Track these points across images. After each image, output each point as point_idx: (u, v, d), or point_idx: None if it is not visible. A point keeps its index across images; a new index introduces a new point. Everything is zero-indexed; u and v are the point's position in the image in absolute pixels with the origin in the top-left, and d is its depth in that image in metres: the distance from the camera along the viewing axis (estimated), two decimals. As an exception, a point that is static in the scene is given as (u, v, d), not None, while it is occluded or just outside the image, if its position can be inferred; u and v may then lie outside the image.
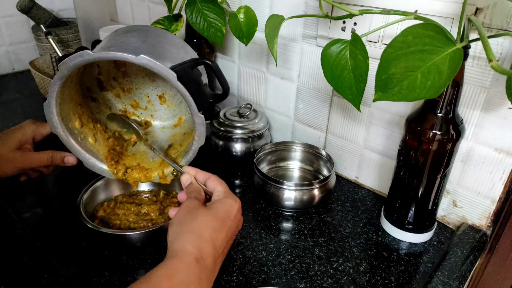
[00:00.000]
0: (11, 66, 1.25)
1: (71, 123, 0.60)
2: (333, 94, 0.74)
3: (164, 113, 0.71)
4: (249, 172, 0.79)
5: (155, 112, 0.71)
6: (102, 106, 0.68)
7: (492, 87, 0.54)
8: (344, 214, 0.68)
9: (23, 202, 0.68)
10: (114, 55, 0.50)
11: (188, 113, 0.70)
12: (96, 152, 0.63)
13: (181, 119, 0.71)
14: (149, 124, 0.71)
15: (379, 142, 0.71)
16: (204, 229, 0.44)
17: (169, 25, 0.74)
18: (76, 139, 0.60)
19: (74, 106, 0.61)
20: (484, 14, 0.51)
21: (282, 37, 0.76)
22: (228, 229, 0.46)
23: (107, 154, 0.63)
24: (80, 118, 0.62)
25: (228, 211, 0.47)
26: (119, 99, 0.70)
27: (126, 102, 0.70)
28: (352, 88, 0.49)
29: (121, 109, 0.70)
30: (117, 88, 0.68)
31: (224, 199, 0.49)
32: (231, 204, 0.48)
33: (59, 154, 0.63)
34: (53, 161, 0.63)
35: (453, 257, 0.59)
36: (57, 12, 1.28)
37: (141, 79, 0.68)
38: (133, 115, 0.71)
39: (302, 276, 0.55)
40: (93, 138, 0.63)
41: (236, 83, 0.92)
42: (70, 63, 0.51)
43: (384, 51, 0.40)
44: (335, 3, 0.53)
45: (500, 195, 0.59)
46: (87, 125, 0.63)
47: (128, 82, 0.69)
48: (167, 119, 0.72)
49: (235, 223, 0.47)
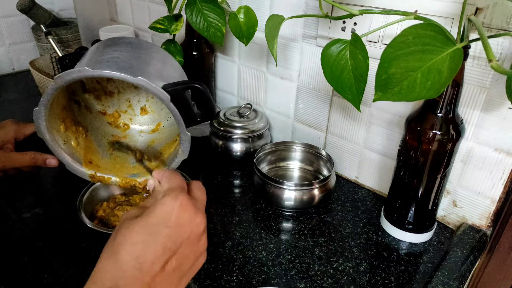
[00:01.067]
0: (11, 66, 1.25)
1: (56, 127, 0.60)
2: (333, 94, 0.74)
3: (143, 118, 0.72)
4: (249, 172, 0.79)
5: (134, 116, 0.72)
6: (84, 109, 0.68)
7: (492, 87, 0.54)
8: (344, 214, 0.68)
9: (22, 202, 0.68)
10: (113, 74, 0.51)
11: (167, 120, 0.71)
12: (78, 155, 0.63)
13: (159, 125, 0.72)
14: (127, 127, 0.72)
15: (379, 142, 0.71)
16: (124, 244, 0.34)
17: (169, 25, 0.74)
18: (60, 143, 0.61)
19: (60, 110, 0.61)
20: (484, 14, 0.51)
21: (282, 37, 0.76)
22: (166, 239, 0.35)
23: (85, 157, 0.64)
24: (64, 122, 0.62)
25: (161, 214, 0.36)
26: (99, 101, 0.70)
27: (106, 105, 0.71)
28: (352, 88, 0.49)
29: (100, 110, 0.71)
30: (99, 90, 0.69)
31: (160, 200, 0.38)
32: (167, 205, 0.37)
33: (41, 155, 0.62)
34: (35, 162, 0.62)
35: (453, 257, 0.59)
36: (57, 12, 1.28)
37: (125, 84, 0.69)
38: (111, 117, 0.71)
39: (302, 276, 0.55)
40: (75, 141, 0.63)
41: (236, 83, 0.92)
42: (66, 77, 0.51)
43: (384, 51, 0.40)
44: (335, 3, 0.53)
45: (500, 195, 0.59)
46: (70, 128, 0.63)
47: (111, 86, 0.69)
48: (146, 124, 0.72)
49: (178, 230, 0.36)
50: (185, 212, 0.37)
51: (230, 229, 0.63)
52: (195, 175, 0.76)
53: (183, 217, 0.37)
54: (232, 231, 0.63)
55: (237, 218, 0.66)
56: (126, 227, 0.36)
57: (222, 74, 0.95)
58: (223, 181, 0.76)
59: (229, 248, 0.60)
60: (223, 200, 0.71)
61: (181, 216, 0.37)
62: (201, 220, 0.39)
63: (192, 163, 0.82)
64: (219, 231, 0.63)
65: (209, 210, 0.68)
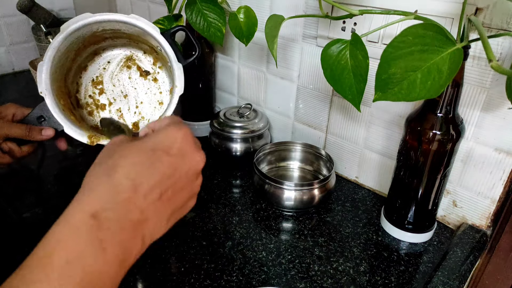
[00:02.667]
0: (11, 66, 1.25)
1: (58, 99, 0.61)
2: (333, 94, 0.74)
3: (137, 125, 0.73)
4: (249, 172, 0.79)
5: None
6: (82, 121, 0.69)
7: (492, 87, 0.54)
8: (344, 214, 0.68)
9: (22, 202, 0.68)
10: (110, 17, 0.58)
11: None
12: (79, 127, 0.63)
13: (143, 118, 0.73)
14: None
15: (379, 142, 0.71)
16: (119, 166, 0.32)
17: (169, 25, 0.74)
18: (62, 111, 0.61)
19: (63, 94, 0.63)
20: (484, 14, 0.51)
21: (282, 37, 0.76)
22: (167, 168, 0.33)
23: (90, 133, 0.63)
24: (63, 98, 0.63)
25: (164, 141, 0.34)
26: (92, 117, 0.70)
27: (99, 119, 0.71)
28: (352, 88, 0.49)
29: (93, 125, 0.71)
30: (91, 105, 0.70)
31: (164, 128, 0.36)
32: (169, 133, 0.35)
33: (36, 127, 0.61)
34: (31, 133, 0.60)
35: (453, 257, 0.59)
36: (57, 12, 1.28)
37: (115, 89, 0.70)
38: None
39: (302, 276, 0.55)
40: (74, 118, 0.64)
41: (236, 83, 0.92)
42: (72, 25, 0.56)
43: (384, 51, 0.40)
44: (335, 3, 0.53)
45: (500, 195, 0.59)
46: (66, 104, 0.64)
47: (103, 98, 0.70)
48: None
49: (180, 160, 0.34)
50: (188, 145, 0.36)
51: (230, 229, 0.64)
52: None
53: (185, 148, 0.35)
54: (232, 231, 0.63)
55: (237, 218, 0.66)
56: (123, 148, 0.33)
57: (222, 74, 0.95)
58: (223, 181, 0.76)
59: (229, 248, 0.60)
60: (223, 200, 0.71)
61: (183, 148, 0.35)
62: (202, 159, 0.37)
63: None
64: (219, 231, 0.63)
65: (209, 210, 0.68)
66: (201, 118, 0.90)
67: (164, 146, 0.34)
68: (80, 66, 0.69)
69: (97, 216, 0.29)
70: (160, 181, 0.33)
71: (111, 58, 0.70)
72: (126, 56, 0.70)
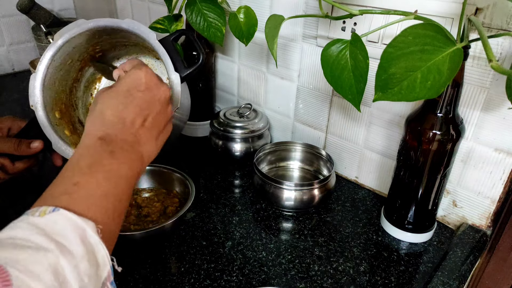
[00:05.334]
0: (11, 66, 1.25)
1: (52, 112, 0.59)
2: (333, 94, 0.74)
3: None
4: (249, 172, 0.79)
5: None
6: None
7: (492, 87, 0.54)
8: (344, 214, 0.68)
9: (23, 202, 0.68)
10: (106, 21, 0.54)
11: None
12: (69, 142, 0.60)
13: None
14: None
15: (379, 142, 0.71)
16: (106, 108, 0.41)
17: (169, 25, 0.74)
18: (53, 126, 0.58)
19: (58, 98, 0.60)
20: (484, 14, 0.51)
21: (282, 37, 0.76)
22: (141, 100, 0.43)
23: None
24: (61, 110, 0.61)
25: (133, 82, 0.43)
26: None
27: None
28: (352, 88, 0.49)
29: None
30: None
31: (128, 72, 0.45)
32: (135, 74, 0.44)
33: (26, 140, 0.59)
34: (19, 147, 0.59)
35: (453, 257, 0.58)
36: (57, 12, 1.28)
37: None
38: None
39: (302, 276, 0.55)
40: (69, 131, 0.61)
41: (236, 83, 0.92)
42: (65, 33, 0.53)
43: (384, 51, 0.40)
44: (335, 3, 0.53)
45: (500, 195, 0.59)
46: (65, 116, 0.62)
47: None
48: None
49: (150, 93, 0.44)
50: (152, 79, 0.45)
51: (230, 229, 0.64)
52: (195, 175, 0.76)
53: (151, 83, 0.44)
54: (232, 231, 0.63)
55: (237, 218, 0.66)
56: (105, 95, 0.43)
57: (222, 74, 0.95)
58: (223, 181, 0.76)
59: (229, 248, 0.60)
60: (223, 200, 0.71)
61: (149, 82, 0.44)
62: (166, 89, 0.46)
63: (192, 163, 0.82)
64: (219, 231, 0.63)
65: (209, 210, 0.68)
66: (201, 118, 0.90)
67: (134, 85, 0.43)
68: (95, 77, 0.67)
69: (104, 137, 0.39)
70: (140, 111, 0.42)
71: None
72: None
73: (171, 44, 0.56)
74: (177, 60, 0.55)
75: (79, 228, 0.31)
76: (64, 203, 0.33)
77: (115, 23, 0.54)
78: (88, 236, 0.31)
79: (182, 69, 0.56)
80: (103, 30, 0.56)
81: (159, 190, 0.69)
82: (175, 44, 0.57)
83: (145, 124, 0.43)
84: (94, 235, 0.32)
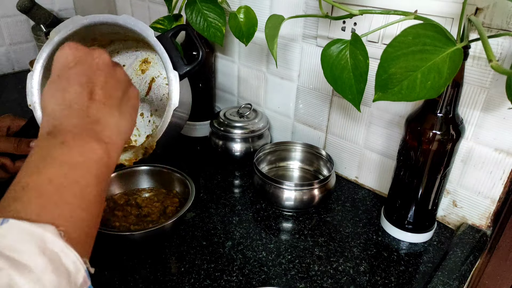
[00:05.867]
0: (11, 66, 1.25)
1: None
2: (333, 94, 0.74)
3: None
4: (249, 172, 0.79)
5: None
6: None
7: (492, 87, 0.54)
8: (344, 214, 0.68)
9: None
10: (102, 17, 0.52)
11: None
12: None
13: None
14: None
15: (379, 142, 0.71)
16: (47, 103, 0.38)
17: (169, 25, 0.74)
18: None
19: None
20: (484, 14, 0.51)
21: (282, 37, 0.76)
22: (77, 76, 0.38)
23: None
24: None
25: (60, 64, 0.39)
26: None
27: None
28: (352, 88, 0.49)
29: None
30: None
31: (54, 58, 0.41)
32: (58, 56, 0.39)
33: (26, 140, 0.59)
34: (19, 146, 0.58)
35: (453, 257, 0.58)
36: (57, 12, 1.28)
37: None
38: None
39: (302, 276, 0.55)
40: None
41: (236, 83, 0.92)
42: (62, 29, 0.52)
43: (384, 51, 0.40)
44: (335, 3, 0.53)
45: (500, 195, 0.59)
46: None
47: None
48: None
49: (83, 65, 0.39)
50: (78, 51, 0.39)
51: (230, 229, 0.64)
52: (195, 175, 0.76)
53: (79, 54, 0.39)
54: (232, 231, 0.63)
55: (237, 218, 0.66)
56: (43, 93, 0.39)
57: (222, 74, 0.95)
58: (223, 181, 0.76)
59: (229, 248, 0.60)
60: (223, 200, 0.71)
61: (76, 55, 0.39)
62: (100, 52, 0.40)
63: (192, 163, 0.82)
64: (219, 231, 0.63)
65: (209, 210, 0.68)
66: (201, 118, 0.90)
67: (62, 66, 0.39)
68: None
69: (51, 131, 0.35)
70: (80, 87, 0.37)
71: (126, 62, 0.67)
72: (142, 59, 0.67)
73: (169, 40, 0.53)
74: (176, 57, 0.53)
75: (35, 237, 0.27)
76: (13, 212, 0.29)
77: (112, 19, 0.53)
78: (49, 243, 0.28)
79: (181, 66, 0.53)
80: (100, 26, 0.55)
81: (159, 190, 0.69)
82: (174, 40, 0.55)
83: (94, 98, 0.37)
84: (56, 240, 0.28)
